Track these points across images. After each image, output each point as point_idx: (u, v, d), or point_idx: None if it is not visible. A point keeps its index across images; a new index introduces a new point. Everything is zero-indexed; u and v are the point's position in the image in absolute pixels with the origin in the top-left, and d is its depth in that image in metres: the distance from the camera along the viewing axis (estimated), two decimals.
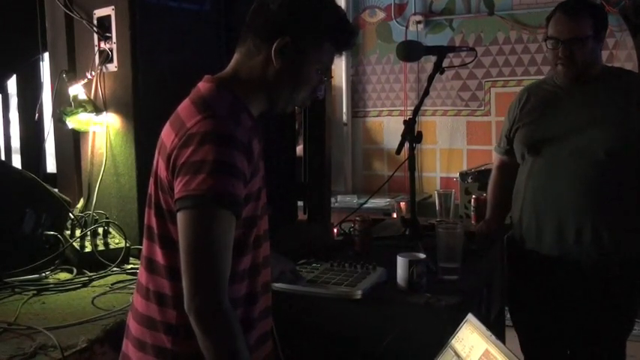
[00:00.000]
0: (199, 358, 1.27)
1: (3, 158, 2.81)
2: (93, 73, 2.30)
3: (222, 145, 1.22)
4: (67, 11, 2.34)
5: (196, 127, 1.24)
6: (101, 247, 2.13)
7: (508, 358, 1.23)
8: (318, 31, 1.37)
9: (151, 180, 1.39)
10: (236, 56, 1.40)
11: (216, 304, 1.21)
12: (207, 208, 1.20)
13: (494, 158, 2.60)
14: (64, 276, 2.04)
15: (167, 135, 1.33)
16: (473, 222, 2.73)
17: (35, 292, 1.87)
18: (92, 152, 2.39)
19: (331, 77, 1.49)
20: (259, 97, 1.39)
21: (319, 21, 1.37)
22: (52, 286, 1.93)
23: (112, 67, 2.27)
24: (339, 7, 1.44)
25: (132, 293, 1.59)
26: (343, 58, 4.68)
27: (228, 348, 1.22)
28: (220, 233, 1.22)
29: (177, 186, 1.23)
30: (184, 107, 1.34)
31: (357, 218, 2.32)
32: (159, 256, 1.34)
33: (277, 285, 1.76)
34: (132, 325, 1.40)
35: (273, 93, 1.39)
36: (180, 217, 1.22)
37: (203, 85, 1.37)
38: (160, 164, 1.33)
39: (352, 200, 4.48)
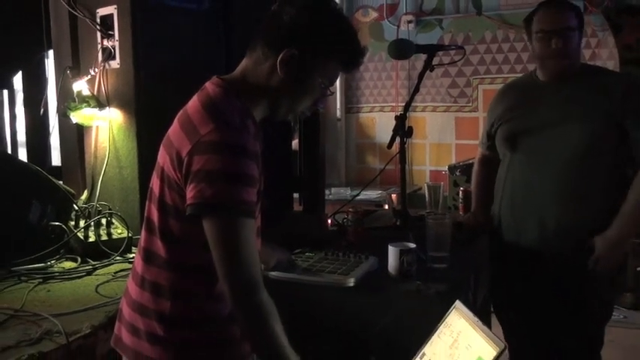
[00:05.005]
0: (190, 346, 1.34)
1: (10, 152, 2.79)
2: (96, 69, 2.31)
3: (237, 155, 1.24)
4: (71, 10, 2.35)
5: (210, 136, 1.24)
6: (104, 237, 2.15)
7: (494, 343, 1.25)
8: (326, 48, 1.35)
9: (154, 175, 1.40)
10: (245, 61, 1.40)
11: (258, 301, 1.26)
12: (231, 217, 1.23)
13: (478, 152, 2.62)
14: (68, 265, 2.06)
15: (176, 135, 1.32)
16: (461, 212, 2.78)
17: (41, 280, 1.90)
18: (95, 146, 2.41)
19: (332, 93, 1.48)
20: (262, 103, 1.39)
21: (329, 38, 1.35)
22: (57, 274, 1.96)
23: (115, 63, 2.28)
24: (352, 25, 1.41)
25: None
26: None
27: (274, 339, 1.28)
28: (249, 238, 1.26)
29: (192, 191, 1.24)
30: (195, 110, 1.33)
31: (351, 209, 2.36)
32: (158, 249, 1.36)
33: (273, 273, 1.79)
34: (125, 310, 1.43)
35: (275, 101, 1.39)
36: (206, 225, 1.25)
37: (212, 89, 1.36)
38: (166, 161, 1.33)
39: (346, 192, 4.51)
